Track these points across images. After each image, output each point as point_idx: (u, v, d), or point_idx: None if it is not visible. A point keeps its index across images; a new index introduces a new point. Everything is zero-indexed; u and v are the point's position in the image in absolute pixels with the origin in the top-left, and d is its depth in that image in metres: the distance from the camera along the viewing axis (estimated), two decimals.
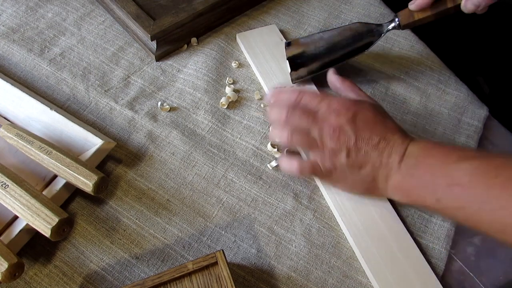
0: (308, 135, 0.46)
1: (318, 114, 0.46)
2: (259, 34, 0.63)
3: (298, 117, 0.46)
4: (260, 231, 0.48)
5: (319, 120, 0.45)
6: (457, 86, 0.61)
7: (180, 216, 0.48)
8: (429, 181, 0.41)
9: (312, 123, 0.45)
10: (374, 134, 0.44)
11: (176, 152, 0.52)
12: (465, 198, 0.39)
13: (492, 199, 0.37)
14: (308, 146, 0.46)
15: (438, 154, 0.42)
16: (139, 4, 0.59)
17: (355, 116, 0.45)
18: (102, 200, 0.48)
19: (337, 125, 0.44)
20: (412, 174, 0.43)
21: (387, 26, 0.55)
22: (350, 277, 0.45)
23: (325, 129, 0.45)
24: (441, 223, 0.49)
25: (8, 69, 0.58)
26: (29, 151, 0.46)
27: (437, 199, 0.40)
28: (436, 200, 0.41)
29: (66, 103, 0.56)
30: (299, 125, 0.46)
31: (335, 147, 0.44)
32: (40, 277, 0.44)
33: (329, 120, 0.45)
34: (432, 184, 0.41)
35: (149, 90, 0.57)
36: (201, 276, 0.40)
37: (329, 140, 0.44)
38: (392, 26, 0.54)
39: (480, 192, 0.37)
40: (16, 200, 0.41)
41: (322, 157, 0.45)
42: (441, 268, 0.46)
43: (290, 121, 0.46)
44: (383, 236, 0.46)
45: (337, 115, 0.45)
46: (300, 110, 0.46)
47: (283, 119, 0.47)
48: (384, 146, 0.44)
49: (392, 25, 0.54)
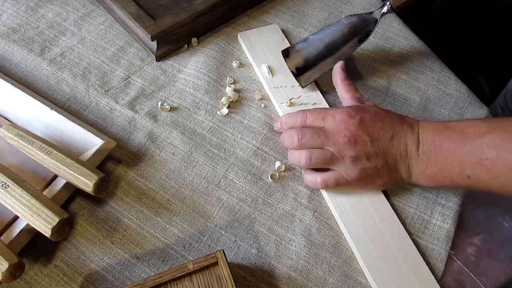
0: (325, 153, 0.47)
1: (327, 130, 0.47)
2: (261, 34, 0.63)
3: (310, 138, 0.47)
4: (260, 231, 0.48)
5: (330, 134, 0.46)
6: (457, 86, 0.61)
7: (180, 216, 0.48)
8: (455, 163, 0.44)
9: (325, 140, 0.47)
10: (385, 131, 0.46)
11: (177, 152, 0.52)
12: (497, 169, 0.41)
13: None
14: (328, 163, 0.47)
15: (453, 135, 0.44)
16: (140, 4, 0.59)
17: (362, 120, 0.46)
18: (102, 200, 0.49)
19: (350, 133, 0.46)
20: (434, 159, 0.45)
21: (381, 11, 0.55)
22: (350, 277, 0.45)
23: (340, 141, 0.46)
24: (441, 224, 0.49)
25: (8, 69, 0.58)
26: (30, 151, 0.46)
27: (468, 176, 0.43)
28: (467, 177, 0.43)
29: (67, 103, 0.56)
30: (313, 145, 0.47)
31: (354, 155, 0.46)
32: (40, 277, 0.44)
33: (340, 132, 0.46)
34: (459, 164, 0.43)
35: (150, 90, 0.58)
36: (201, 276, 0.40)
37: (347, 150, 0.46)
38: (386, 10, 0.55)
39: (510, 160, 0.40)
40: (16, 200, 0.41)
41: (345, 167, 0.46)
42: (441, 269, 0.46)
43: (303, 144, 0.48)
44: (382, 236, 0.46)
45: (346, 125, 0.46)
46: (310, 131, 0.48)
47: (296, 143, 0.48)
48: (398, 139, 0.46)
49: (385, 9, 0.55)
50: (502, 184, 0.42)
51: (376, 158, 0.46)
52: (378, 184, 0.48)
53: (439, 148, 0.45)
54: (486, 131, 0.42)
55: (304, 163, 0.47)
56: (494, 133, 0.42)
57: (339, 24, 0.57)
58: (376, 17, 0.56)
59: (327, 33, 0.57)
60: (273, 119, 0.56)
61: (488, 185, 0.43)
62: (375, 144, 0.46)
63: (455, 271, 0.47)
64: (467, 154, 0.43)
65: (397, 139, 0.46)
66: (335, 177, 0.47)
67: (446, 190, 0.51)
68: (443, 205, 0.50)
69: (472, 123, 0.44)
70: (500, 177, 0.41)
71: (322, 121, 0.48)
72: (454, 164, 0.44)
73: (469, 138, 0.43)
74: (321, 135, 0.47)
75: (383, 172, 0.46)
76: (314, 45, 0.57)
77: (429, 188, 0.51)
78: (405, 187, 0.51)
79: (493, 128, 0.42)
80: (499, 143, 0.41)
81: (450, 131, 0.45)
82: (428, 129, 0.46)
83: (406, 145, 0.46)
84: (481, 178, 0.43)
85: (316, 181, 0.48)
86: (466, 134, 0.43)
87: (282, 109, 0.56)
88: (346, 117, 0.46)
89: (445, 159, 0.44)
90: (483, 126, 0.43)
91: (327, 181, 0.47)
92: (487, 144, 0.42)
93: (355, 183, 0.47)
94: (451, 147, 0.44)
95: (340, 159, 0.46)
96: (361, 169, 0.46)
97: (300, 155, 0.48)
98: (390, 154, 0.46)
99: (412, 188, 0.51)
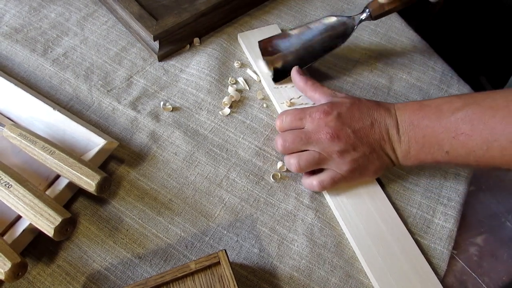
0: (312, 154, 0.47)
1: (307, 130, 0.47)
2: (260, 34, 0.63)
3: (292, 141, 0.48)
4: (262, 231, 0.48)
5: (312, 134, 0.47)
6: (459, 86, 0.61)
7: (182, 216, 0.48)
8: (433, 140, 0.44)
9: (308, 141, 0.47)
10: (364, 119, 0.47)
11: (179, 152, 0.52)
12: (472, 143, 0.42)
13: (498, 136, 0.40)
14: (317, 163, 0.47)
15: (429, 113, 0.45)
16: (142, 4, 0.60)
17: (340, 114, 0.47)
18: (105, 200, 0.49)
19: (331, 129, 0.46)
20: (415, 139, 0.45)
21: (359, 17, 0.56)
22: (353, 276, 0.45)
23: (323, 138, 0.46)
24: (443, 224, 0.49)
25: (11, 69, 0.58)
26: (32, 151, 0.46)
27: (446, 151, 0.44)
28: (446, 153, 0.44)
29: (69, 103, 0.56)
30: (297, 148, 0.48)
31: (340, 149, 0.46)
32: (43, 277, 0.44)
33: (321, 130, 0.46)
34: (437, 140, 0.44)
35: (152, 90, 0.58)
36: (203, 275, 0.40)
37: (332, 146, 0.46)
38: (364, 17, 0.55)
39: (485, 134, 0.41)
40: (19, 200, 0.41)
41: (335, 163, 0.47)
42: (443, 269, 0.46)
43: (287, 148, 0.48)
44: (384, 236, 0.46)
45: (325, 122, 0.46)
46: (290, 135, 0.48)
47: (280, 149, 0.49)
48: (378, 125, 0.46)
49: (364, 15, 0.55)
50: (478, 158, 0.42)
51: (362, 147, 0.46)
52: (371, 170, 0.48)
53: (417, 127, 0.45)
54: (460, 106, 0.43)
55: (295, 169, 0.48)
56: (468, 108, 0.42)
57: (319, 25, 0.57)
58: (355, 22, 0.56)
59: (307, 33, 0.58)
60: (275, 119, 0.56)
61: (466, 160, 0.43)
62: (358, 134, 0.46)
63: (457, 271, 0.47)
64: (444, 130, 0.43)
65: (377, 125, 0.46)
66: (330, 176, 0.47)
67: (448, 189, 0.51)
68: (446, 204, 0.50)
69: (448, 100, 0.45)
70: (476, 150, 0.42)
71: (300, 121, 0.48)
72: (433, 141, 0.44)
73: (444, 115, 0.43)
74: (302, 137, 0.47)
75: (373, 158, 0.47)
76: (293, 46, 0.58)
77: (432, 188, 0.51)
78: (407, 186, 0.51)
79: (468, 104, 0.43)
80: (473, 117, 0.42)
81: (426, 109, 0.45)
82: (404, 110, 0.46)
83: (387, 129, 0.46)
84: (458, 153, 0.43)
85: (312, 184, 0.48)
86: (441, 110, 0.44)
87: (282, 109, 0.55)
88: (323, 115, 0.47)
89: (424, 138, 0.45)
90: (458, 101, 0.44)
91: (323, 181, 0.47)
92: (462, 119, 0.42)
93: (350, 176, 0.47)
94: (428, 125, 0.44)
95: (328, 156, 0.46)
96: (351, 160, 0.46)
97: (290, 162, 0.48)
98: (375, 141, 0.46)
99: (414, 187, 0.51)
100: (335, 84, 0.60)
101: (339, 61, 0.62)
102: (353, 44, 0.64)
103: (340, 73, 0.61)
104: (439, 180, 0.52)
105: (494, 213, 0.51)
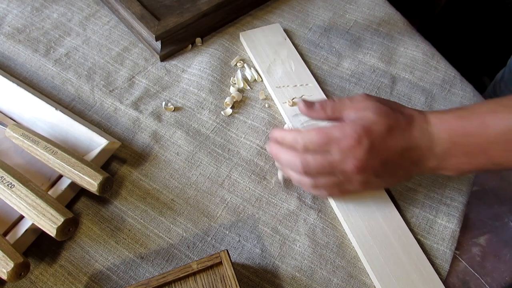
0: (332, 180, 0.44)
1: (333, 160, 0.42)
2: (262, 33, 0.63)
3: (315, 167, 0.43)
4: (264, 231, 0.48)
5: (338, 164, 0.42)
6: (462, 86, 0.61)
7: (184, 216, 0.48)
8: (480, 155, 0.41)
9: (331, 171, 0.43)
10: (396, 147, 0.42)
11: (181, 152, 0.52)
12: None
13: None
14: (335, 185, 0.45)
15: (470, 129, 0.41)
16: (144, 4, 0.60)
17: (373, 144, 0.41)
18: (107, 200, 0.49)
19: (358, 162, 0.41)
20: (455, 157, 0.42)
21: None
22: (355, 277, 0.45)
23: (349, 171, 0.42)
24: (446, 224, 0.49)
25: (13, 70, 0.58)
26: (35, 151, 0.46)
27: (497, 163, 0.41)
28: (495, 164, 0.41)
29: (71, 103, 0.56)
30: (319, 173, 0.44)
31: (363, 180, 0.43)
32: (45, 277, 0.44)
33: (347, 160, 0.42)
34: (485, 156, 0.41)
35: (154, 90, 0.58)
36: (205, 276, 0.40)
37: (356, 176, 0.43)
38: None
39: None
40: (21, 200, 0.41)
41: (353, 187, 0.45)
42: (446, 269, 0.46)
43: (307, 171, 0.43)
44: (386, 236, 0.46)
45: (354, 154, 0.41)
46: (313, 162, 0.43)
47: (300, 171, 0.44)
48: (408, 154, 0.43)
49: None
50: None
51: (384, 175, 0.44)
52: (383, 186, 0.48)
53: (458, 145, 0.42)
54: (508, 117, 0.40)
55: (308, 189, 0.46)
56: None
57: None
58: None
59: None
60: (277, 119, 0.56)
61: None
62: (385, 166, 0.43)
63: (460, 272, 0.47)
64: (493, 146, 0.40)
65: (408, 154, 0.43)
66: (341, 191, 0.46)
67: (451, 189, 0.51)
68: (448, 205, 0.50)
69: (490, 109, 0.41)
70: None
71: (324, 146, 0.42)
72: (480, 157, 0.41)
73: (490, 128, 0.40)
74: (326, 167, 0.43)
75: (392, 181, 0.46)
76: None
77: (434, 188, 0.51)
78: (409, 186, 0.51)
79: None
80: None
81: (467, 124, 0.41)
82: (441, 126, 0.42)
83: (420, 155, 0.43)
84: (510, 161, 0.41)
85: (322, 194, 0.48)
86: (486, 125, 0.40)
87: (284, 108, 0.55)
88: (353, 143, 0.41)
89: (467, 154, 0.42)
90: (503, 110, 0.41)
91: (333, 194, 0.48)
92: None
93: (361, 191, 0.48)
94: (471, 142, 0.41)
95: (347, 182, 0.44)
96: (369, 186, 0.44)
97: (304, 182, 0.45)
98: (401, 167, 0.44)
99: (417, 188, 0.51)
100: (337, 84, 0.60)
101: (341, 60, 0.62)
102: (355, 43, 0.64)
103: (343, 72, 0.61)
104: (442, 181, 0.52)
105: (497, 214, 0.51)
